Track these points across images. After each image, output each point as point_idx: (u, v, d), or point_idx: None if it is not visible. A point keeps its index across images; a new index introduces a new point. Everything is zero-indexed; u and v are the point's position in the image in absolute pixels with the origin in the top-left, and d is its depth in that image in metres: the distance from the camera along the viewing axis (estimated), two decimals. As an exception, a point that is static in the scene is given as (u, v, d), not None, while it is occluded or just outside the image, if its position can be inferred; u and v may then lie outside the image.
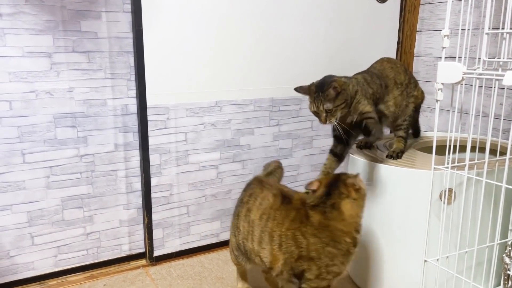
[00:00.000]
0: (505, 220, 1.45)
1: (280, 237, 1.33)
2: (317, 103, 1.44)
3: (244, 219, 1.43)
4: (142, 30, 1.71)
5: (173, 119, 1.86)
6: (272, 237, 1.34)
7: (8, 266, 1.70)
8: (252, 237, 1.39)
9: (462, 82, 1.22)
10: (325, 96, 1.42)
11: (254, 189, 1.46)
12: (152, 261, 1.93)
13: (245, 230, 1.42)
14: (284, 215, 1.35)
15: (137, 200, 1.89)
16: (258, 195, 1.43)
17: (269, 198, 1.39)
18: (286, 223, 1.34)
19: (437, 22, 2.22)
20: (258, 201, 1.41)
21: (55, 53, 1.63)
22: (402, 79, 1.63)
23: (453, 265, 1.41)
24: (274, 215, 1.36)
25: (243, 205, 1.46)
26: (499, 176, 1.41)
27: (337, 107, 1.42)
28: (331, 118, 1.43)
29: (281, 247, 1.33)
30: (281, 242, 1.33)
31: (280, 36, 2.01)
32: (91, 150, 1.76)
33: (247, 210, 1.43)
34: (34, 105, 1.63)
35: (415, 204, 1.52)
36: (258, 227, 1.38)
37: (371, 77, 1.56)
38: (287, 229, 1.33)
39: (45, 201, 1.72)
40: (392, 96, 1.61)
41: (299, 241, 1.31)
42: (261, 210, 1.38)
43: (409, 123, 1.69)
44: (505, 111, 1.93)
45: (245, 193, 1.49)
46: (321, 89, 1.43)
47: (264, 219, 1.37)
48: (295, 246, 1.31)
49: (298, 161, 2.22)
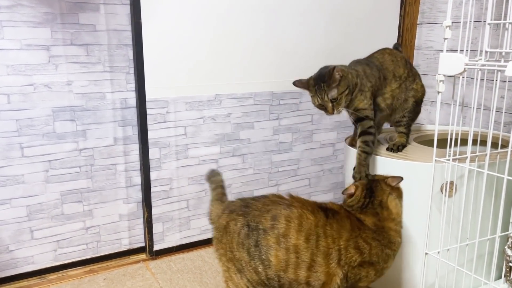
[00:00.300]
0: (506, 212, 1.44)
1: (339, 251, 1.24)
2: (320, 94, 1.43)
3: (278, 248, 1.21)
4: (141, 23, 1.69)
5: (173, 113, 1.85)
6: (330, 255, 1.23)
7: (7, 260, 1.70)
8: (298, 265, 1.21)
9: (464, 73, 1.21)
10: (328, 85, 1.41)
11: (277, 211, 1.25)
12: (152, 255, 1.92)
13: (281, 260, 1.21)
14: (337, 228, 1.25)
15: (136, 194, 1.88)
16: (291, 216, 1.23)
17: (308, 217, 1.24)
18: (344, 235, 1.25)
19: (437, 14, 2.21)
20: (294, 223, 1.22)
21: (53, 46, 1.61)
22: (401, 72, 1.62)
23: (454, 258, 1.41)
24: (325, 232, 1.23)
25: (264, 232, 1.22)
26: (500, 169, 1.40)
27: (341, 94, 1.42)
28: (338, 106, 1.44)
29: (340, 261, 1.24)
30: (340, 256, 1.24)
31: (280, 29, 2.00)
32: (90, 144, 1.75)
33: (279, 236, 1.21)
34: (33, 99, 1.62)
35: (416, 197, 1.51)
36: (306, 251, 1.21)
37: (371, 69, 1.55)
38: (346, 241, 1.25)
39: (44, 195, 1.71)
40: (390, 89, 1.60)
41: (362, 248, 1.26)
42: (305, 232, 1.22)
43: (409, 119, 1.66)
44: (506, 104, 1.92)
45: (258, 217, 1.25)
46: (322, 80, 1.42)
47: (313, 240, 1.22)
48: (358, 254, 1.25)
49: (298, 155, 2.21)
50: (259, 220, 1.24)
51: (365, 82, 1.51)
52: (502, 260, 1.46)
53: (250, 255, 1.23)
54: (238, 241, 1.24)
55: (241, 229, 1.24)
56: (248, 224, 1.24)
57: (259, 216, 1.24)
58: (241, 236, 1.24)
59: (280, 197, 1.30)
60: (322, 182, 2.32)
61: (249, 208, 1.27)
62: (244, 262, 1.24)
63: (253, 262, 1.23)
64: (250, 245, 1.23)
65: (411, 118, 1.67)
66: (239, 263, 1.25)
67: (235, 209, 1.29)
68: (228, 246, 1.27)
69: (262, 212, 1.25)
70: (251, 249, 1.23)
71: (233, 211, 1.29)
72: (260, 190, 2.13)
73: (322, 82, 1.42)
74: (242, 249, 1.24)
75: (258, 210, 1.26)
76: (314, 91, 1.46)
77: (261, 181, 2.13)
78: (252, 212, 1.26)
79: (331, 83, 1.41)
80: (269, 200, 1.29)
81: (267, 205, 1.26)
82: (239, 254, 1.24)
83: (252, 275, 1.24)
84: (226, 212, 1.31)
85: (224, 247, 1.28)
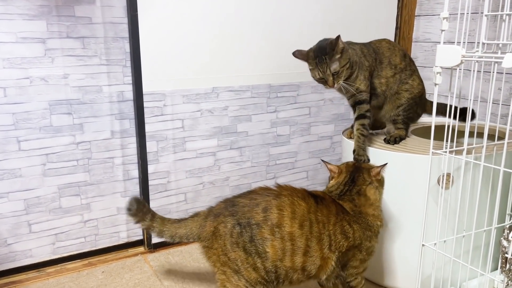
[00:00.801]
0: (503, 204, 1.45)
1: (329, 236, 1.27)
2: (322, 68, 1.43)
3: (274, 238, 1.22)
4: (137, 15, 1.68)
5: (170, 106, 1.85)
6: (321, 240, 1.26)
7: (6, 254, 1.70)
8: (293, 252, 1.23)
9: (461, 65, 1.21)
10: (330, 57, 1.41)
11: (268, 202, 1.25)
12: (150, 248, 1.93)
13: (278, 250, 1.23)
14: (326, 213, 1.29)
15: (134, 188, 1.88)
16: (283, 205, 1.25)
17: (300, 203, 1.26)
18: (331, 219, 1.29)
19: (435, 6, 2.20)
20: (287, 212, 1.24)
21: (49, 39, 1.60)
22: (397, 61, 1.61)
23: (450, 249, 1.42)
24: (316, 217, 1.27)
25: (258, 226, 1.23)
26: (497, 161, 1.40)
27: (343, 67, 1.44)
28: (339, 80, 1.45)
29: (331, 246, 1.28)
30: (331, 242, 1.27)
31: (278, 21, 1.99)
32: (87, 137, 1.74)
33: (273, 226, 1.22)
34: (29, 92, 1.61)
35: (412, 189, 1.52)
36: (302, 238, 1.23)
37: (368, 50, 1.57)
38: (334, 225, 1.28)
39: (42, 189, 1.71)
40: (385, 75, 1.59)
41: (347, 231, 1.30)
42: (299, 219, 1.24)
43: (404, 117, 1.63)
44: (503, 96, 1.93)
45: (248, 213, 1.25)
46: (324, 52, 1.42)
47: (307, 226, 1.24)
48: (345, 239, 1.29)
49: (296, 148, 2.21)
50: (250, 216, 1.24)
51: (363, 61, 1.53)
52: (498, 251, 1.47)
53: (246, 252, 1.23)
54: (231, 242, 1.24)
55: (232, 229, 1.24)
56: (238, 222, 1.24)
57: (249, 212, 1.24)
58: (234, 236, 1.24)
59: (267, 188, 1.31)
60: (320, 175, 2.32)
61: (237, 206, 1.27)
62: (241, 261, 1.24)
63: (251, 258, 1.23)
64: (245, 242, 1.23)
65: (406, 116, 1.63)
66: (235, 263, 1.25)
67: (221, 211, 1.29)
68: (221, 250, 1.26)
69: (252, 207, 1.25)
70: (246, 246, 1.23)
71: (218, 214, 1.29)
72: (258, 183, 2.13)
73: (323, 54, 1.42)
74: (237, 248, 1.24)
75: (246, 206, 1.26)
76: (314, 64, 1.45)
77: (258, 174, 2.13)
78: (241, 209, 1.26)
79: (333, 55, 1.41)
80: (256, 193, 1.29)
81: (255, 199, 1.27)
82: (235, 254, 1.24)
83: (250, 274, 1.25)
84: (210, 218, 1.31)
85: (216, 252, 1.28)
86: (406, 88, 1.62)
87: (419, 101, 1.65)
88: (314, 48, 1.47)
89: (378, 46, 1.63)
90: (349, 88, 1.49)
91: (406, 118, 1.64)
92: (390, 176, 1.55)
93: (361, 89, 1.52)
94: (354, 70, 1.49)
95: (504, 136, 1.65)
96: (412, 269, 1.53)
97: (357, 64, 1.50)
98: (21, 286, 1.66)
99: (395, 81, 1.61)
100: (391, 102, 1.63)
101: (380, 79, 1.59)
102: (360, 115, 1.55)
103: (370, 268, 1.68)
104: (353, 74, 1.49)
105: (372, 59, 1.56)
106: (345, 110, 2.30)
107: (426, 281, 1.50)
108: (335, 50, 1.41)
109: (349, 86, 1.48)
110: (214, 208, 1.35)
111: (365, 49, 1.56)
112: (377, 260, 1.65)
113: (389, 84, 1.60)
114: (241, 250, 1.23)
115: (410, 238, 1.56)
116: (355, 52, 1.52)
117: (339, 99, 2.26)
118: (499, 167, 1.26)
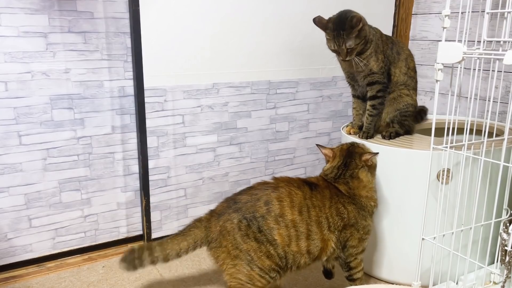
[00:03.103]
0: (500, 199, 1.48)
1: (327, 218, 1.36)
2: (338, 42, 1.49)
3: (279, 227, 1.30)
4: (139, 11, 1.68)
5: (171, 101, 1.85)
6: (320, 223, 1.34)
7: (6, 249, 1.70)
8: (298, 237, 1.32)
9: (462, 62, 1.24)
10: (348, 34, 1.47)
11: (268, 196, 1.33)
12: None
13: (284, 237, 1.31)
14: (320, 198, 1.37)
15: (134, 183, 1.89)
16: (282, 196, 1.33)
17: (297, 192, 1.35)
18: (326, 203, 1.37)
19: (432, 5, 2.23)
20: (286, 202, 1.32)
21: (51, 33, 1.60)
22: (411, 66, 1.70)
23: (449, 243, 1.44)
24: (312, 203, 1.35)
25: (263, 218, 1.30)
26: (495, 156, 1.43)
27: (357, 44, 1.50)
28: (352, 54, 1.51)
29: (330, 227, 1.36)
30: (329, 223, 1.36)
31: (278, 18, 2.00)
32: (88, 132, 1.74)
33: (277, 217, 1.30)
34: (30, 86, 1.61)
35: (412, 184, 1.54)
36: (302, 223, 1.32)
37: (387, 38, 1.64)
38: (329, 208, 1.37)
39: (43, 184, 1.71)
40: (399, 67, 1.64)
41: (342, 212, 1.38)
42: (297, 206, 1.33)
43: (400, 119, 1.67)
44: (500, 94, 1.96)
45: (251, 208, 1.31)
46: (343, 28, 1.47)
47: (305, 212, 1.33)
48: (341, 219, 1.38)
49: (294, 144, 2.23)
50: (254, 210, 1.31)
51: (380, 44, 1.59)
52: (495, 246, 1.50)
53: (258, 241, 1.29)
54: (241, 235, 1.30)
55: (239, 223, 1.30)
56: (244, 217, 1.30)
57: (252, 207, 1.31)
58: (242, 229, 1.30)
59: (265, 183, 1.38)
60: (318, 171, 2.33)
61: (239, 203, 1.33)
62: (253, 250, 1.29)
63: (264, 247, 1.30)
64: (255, 232, 1.29)
65: (402, 120, 1.67)
66: (247, 254, 1.30)
67: (223, 210, 1.34)
68: (231, 245, 1.30)
69: (254, 202, 1.32)
70: (257, 236, 1.29)
71: (222, 213, 1.34)
72: (257, 179, 2.15)
73: (342, 29, 1.47)
74: (248, 239, 1.29)
75: (248, 201, 1.32)
76: (332, 36, 1.51)
77: (257, 170, 2.15)
78: (244, 205, 1.32)
79: (351, 33, 1.47)
80: (256, 189, 1.36)
81: (255, 194, 1.34)
82: (247, 246, 1.29)
83: (264, 262, 1.30)
84: (214, 219, 1.35)
85: (225, 250, 1.32)
86: (407, 93, 1.66)
87: (412, 112, 1.70)
88: (334, 20, 1.51)
89: (398, 41, 1.69)
90: (360, 63, 1.54)
91: (402, 121, 1.68)
92: (391, 172, 1.57)
93: (374, 70, 1.58)
94: (368, 48, 1.55)
95: (501, 133, 1.68)
96: (411, 262, 1.56)
97: (372, 43, 1.55)
98: (21, 280, 1.66)
99: (403, 80, 1.64)
100: (391, 105, 1.66)
101: (396, 68, 1.64)
102: (371, 96, 1.63)
103: (370, 262, 1.70)
104: (366, 51, 1.55)
105: (389, 47, 1.62)
106: (343, 107, 2.32)
107: (425, 275, 1.53)
108: (354, 29, 1.47)
109: (360, 61, 1.54)
110: (215, 209, 1.38)
111: (384, 36, 1.64)
112: (376, 254, 1.68)
113: (399, 78, 1.64)
114: (252, 240, 1.29)
115: (409, 232, 1.58)
116: (375, 32, 1.58)
117: (337, 96, 2.28)
118: (499, 161, 1.29)
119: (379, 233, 1.65)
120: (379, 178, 1.60)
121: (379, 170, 1.58)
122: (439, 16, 2.20)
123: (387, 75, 1.63)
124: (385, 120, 1.69)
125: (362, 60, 1.54)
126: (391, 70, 1.63)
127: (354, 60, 1.53)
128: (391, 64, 1.63)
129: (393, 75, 1.64)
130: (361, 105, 1.71)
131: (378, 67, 1.58)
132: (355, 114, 1.73)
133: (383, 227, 1.64)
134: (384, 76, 1.60)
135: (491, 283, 1.54)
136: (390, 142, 1.61)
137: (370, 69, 1.57)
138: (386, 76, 1.62)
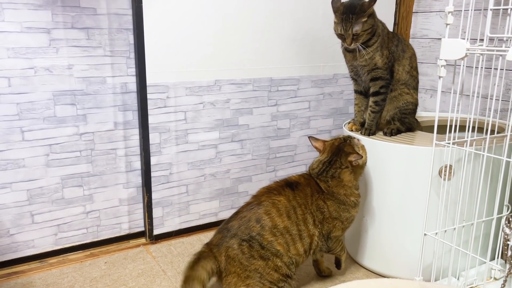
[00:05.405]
0: (502, 195, 1.49)
1: (312, 214, 1.43)
2: (345, 25, 1.49)
3: (277, 237, 1.36)
4: (142, 7, 1.69)
5: (173, 98, 1.86)
6: (306, 219, 1.42)
7: (8, 244, 1.70)
8: (293, 240, 1.39)
9: (465, 59, 1.24)
10: (357, 18, 1.47)
11: (256, 214, 1.38)
12: (152, 239, 1.94)
13: (283, 244, 1.37)
14: (303, 196, 1.44)
15: (136, 179, 1.89)
16: (268, 209, 1.38)
17: (279, 199, 1.41)
18: (308, 200, 1.44)
19: (433, 3, 2.24)
20: (274, 212, 1.38)
21: (54, 29, 1.60)
22: (414, 65, 1.71)
23: (450, 239, 1.45)
24: (297, 202, 1.42)
25: (260, 235, 1.35)
26: (496, 153, 1.44)
27: (364, 31, 1.50)
28: (357, 41, 1.51)
29: (315, 221, 1.44)
30: (314, 218, 1.43)
31: (280, 15, 2.01)
32: (90, 128, 1.75)
33: (271, 229, 1.36)
34: (33, 82, 1.61)
35: (414, 180, 1.55)
36: (294, 226, 1.39)
37: (393, 35, 1.65)
38: (311, 204, 1.44)
39: (45, 179, 1.71)
40: (403, 65, 1.66)
41: (322, 207, 1.45)
42: (285, 212, 1.39)
43: (401, 117, 1.68)
44: (499, 91, 1.97)
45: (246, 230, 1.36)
46: (352, 11, 1.47)
47: (293, 214, 1.40)
48: (321, 213, 1.45)
49: (295, 141, 2.23)
50: (249, 231, 1.36)
51: (386, 39, 1.60)
52: (496, 241, 1.51)
53: (264, 258, 1.35)
54: (246, 258, 1.34)
55: (240, 247, 1.34)
56: (243, 239, 1.35)
57: (247, 229, 1.36)
58: (245, 252, 1.34)
59: (247, 204, 1.43)
60: (318, 168, 2.34)
61: (232, 229, 1.37)
62: (262, 268, 1.35)
63: (270, 262, 1.35)
64: (258, 250, 1.35)
65: (402, 118, 1.69)
66: (257, 273, 1.34)
67: (220, 241, 1.37)
68: (240, 270, 1.34)
69: (246, 223, 1.37)
70: (261, 253, 1.35)
71: (220, 244, 1.37)
72: (258, 176, 2.15)
73: (352, 13, 1.47)
74: (254, 259, 1.34)
75: (241, 225, 1.37)
76: (340, 19, 1.51)
77: (259, 167, 2.16)
78: (237, 230, 1.37)
79: (360, 17, 1.47)
80: (241, 212, 1.41)
81: (244, 217, 1.39)
82: (254, 266, 1.34)
83: (273, 275, 1.36)
84: (215, 251, 1.36)
85: (235, 275, 1.35)
86: (407, 92, 1.67)
87: (413, 110, 1.71)
88: (346, 4, 1.52)
89: (404, 39, 1.70)
90: (364, 54, 1.55)
91: (402, 118, 1.69)
92: (393, 168, 1.58)
93: (378, 65, 1.59)
94: (375, 41, 1.55)
95: (502, 131, 1.70)
96: (413, 258, 1.57)
97: (379, 37, 1.56)
98: (23, 276, 1.66)
99: (405, 79, 1.65)
100: (391, 103, 1.67)
101: (399, 66, 1.65)
102: (374, 92, 1.64)
103: (372, 257, 1.71)
104: (372, 44, 1.56)
105: (394, 43, 1.63)
106: (343, 104, 2.33)
107: (426, 270, 1.54)
108: (365, 13, 1.47)
109: (364, 50, 1.55)
110: (212, 242, 1.40)
111: (390, 33, 1.65)
112: (378, 250, 1.68)
113: (401, 76, 1.65)
114: (258, 260, 1.34)
115: (411, 228, 1.59)
116: (382, 28, 1.59)
117: (338, 94, 2.29)
118: (501, 157, 1.30)
119: (380, 229, 1.66)
120: (382, 174, 1.60)
121: (382, 166, 1.59)
122: (440, 15, 2.21)
123: (390, 72, 1.63)
124: (385, 118, 1.70)
125: (366, 49, 1.55)
126: (394, 67, 1.64)
127: (359, 48, 1.54)
128: (395, 61, 1.64)
129: (396, 72, 1.65)
130: (363, 101, 1.72)
131: (382, 62, 1.59)
132: (357, 111, 1.74)
133: (384, 223, 1.65)
134: (387, 72, 1.61)
135: (491, 279, 1.55)
136: (392, 139, 1.62)
137: (375, 63, 1.58)
138: (389, 72, 1.63)
